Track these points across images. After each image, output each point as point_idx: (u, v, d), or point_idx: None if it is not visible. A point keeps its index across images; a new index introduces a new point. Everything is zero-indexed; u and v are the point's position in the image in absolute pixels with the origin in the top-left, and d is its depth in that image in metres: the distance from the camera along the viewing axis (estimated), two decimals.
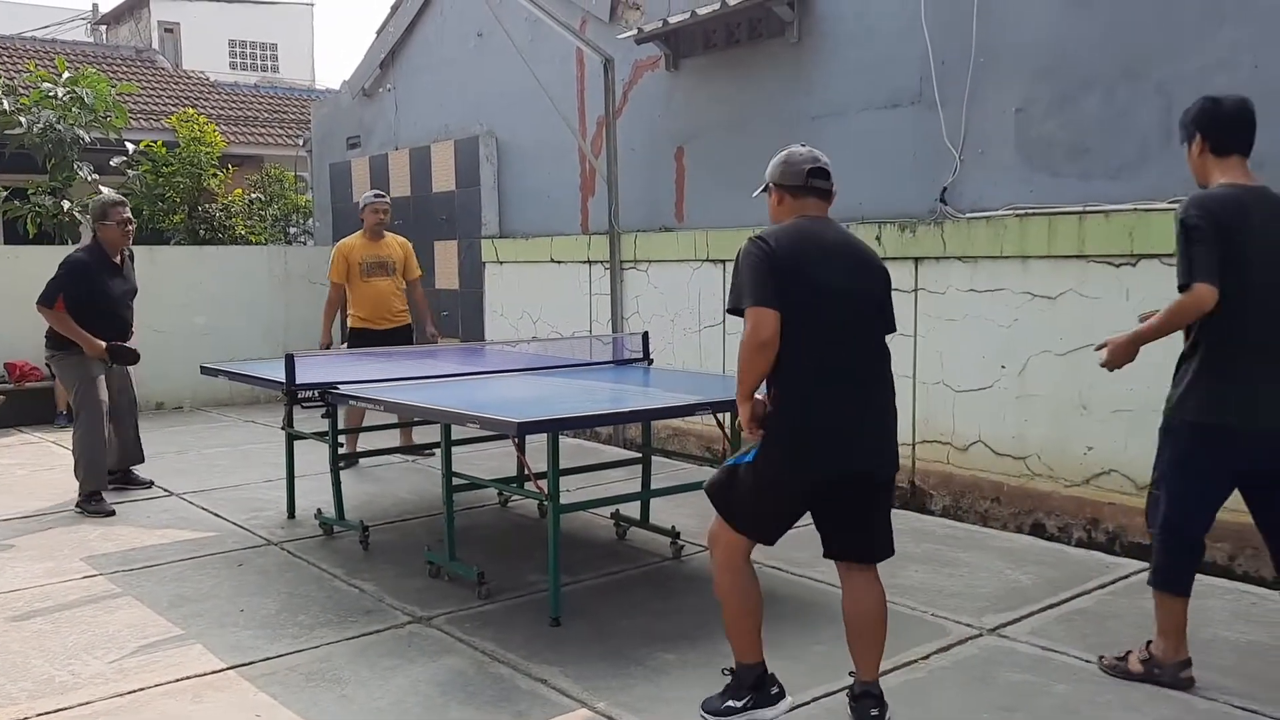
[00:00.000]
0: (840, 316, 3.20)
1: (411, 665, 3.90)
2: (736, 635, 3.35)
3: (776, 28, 6.78)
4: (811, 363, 3.17)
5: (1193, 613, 4.28)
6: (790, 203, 3.34)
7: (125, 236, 6.52)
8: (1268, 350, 3.41)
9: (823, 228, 3.30)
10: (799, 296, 3.14)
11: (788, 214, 3.34)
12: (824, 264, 3.20)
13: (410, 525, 5.94)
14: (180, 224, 12.67)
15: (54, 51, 17.85)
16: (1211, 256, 3.32)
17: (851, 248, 3.32)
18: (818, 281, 3.16)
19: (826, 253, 3.22)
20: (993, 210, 5.66)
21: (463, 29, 9.71)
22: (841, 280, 3.20)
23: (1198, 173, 3.62)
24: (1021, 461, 5.59)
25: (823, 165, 3.33)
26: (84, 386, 6.34)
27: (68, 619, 4.45)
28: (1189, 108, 3.65)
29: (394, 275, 7.62)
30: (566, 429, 5.12)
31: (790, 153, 3.37)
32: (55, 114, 11.42)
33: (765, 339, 3.10)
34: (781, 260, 3.15)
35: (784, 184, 3.35)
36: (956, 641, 4.06)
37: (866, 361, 3.27)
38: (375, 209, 7.60)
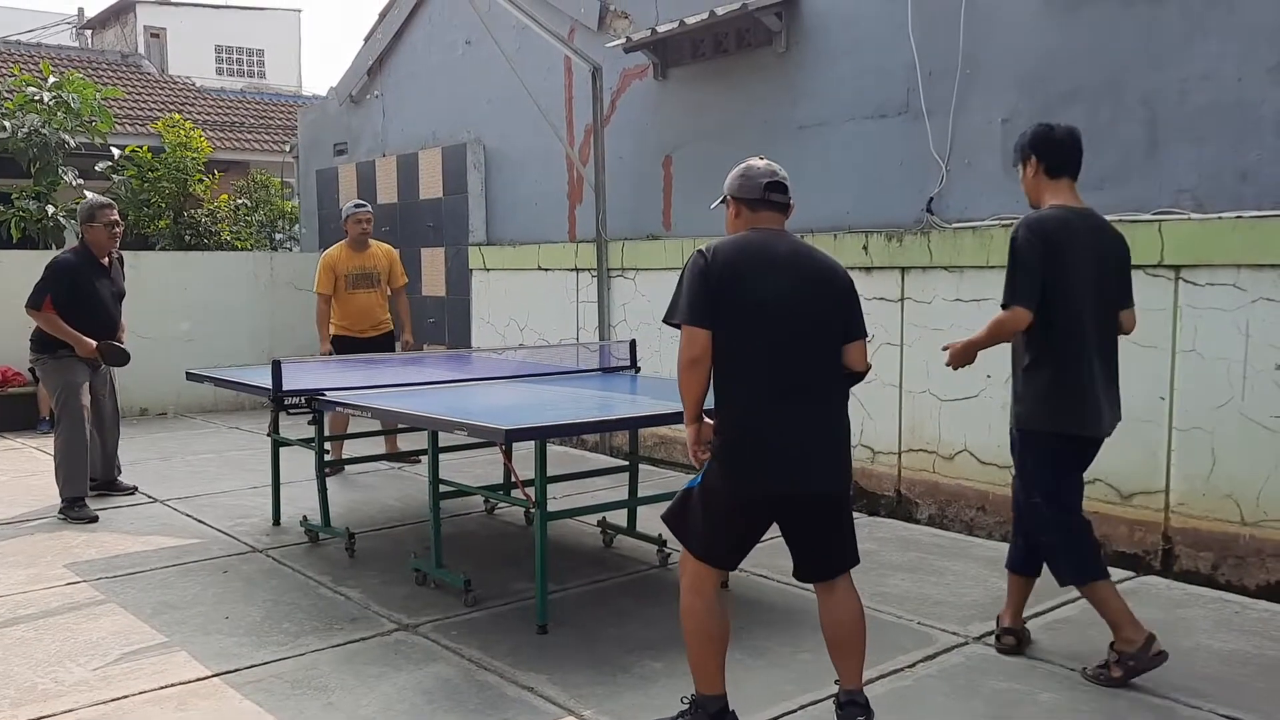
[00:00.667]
0: (782, 331, 3.14)
1: (397, 673, 3.89)
2: (698, 663, 3.27)
3: (764, 37, 6.81)
4: (749, 379, 3.14)
5: (1175, 622, 4.33)
6: (746, 215, 3.33)
7: (112, 239, 6.49)
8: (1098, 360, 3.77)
9: (772, 239, 3.25)
10: (735, 311, 3.12)
11: (743, 226, 3.32)
12: (766, 277, 3.15)
13: (396, 532, 5.93)
14: (165, 229, 12.63)
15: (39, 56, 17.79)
16: (1034, 281, 3.68)
17: (803, 259, 3.24)
18: (757, 296, 3.13)
19: (772, 265, 3.18)
20: (979, 220, 5.70)
21: (451, 36, 9.72)
22: (786, 294, 3.15)
23: (1030, 193, 3.92)
24: (1007, 470, 5.59)
25: (780, 179, 3.32)
26: (67, 392, 6.30)
27: (51, 626, 4.42)
28: (1024, 132, 3.92)
29: (378, 286, 7.66)
30: (554, 436, 5.12)
31: (749, 166, 3.36)
32: (40, 118, 11.38)
33: (694, 356, 3.13)
34: (717, 274, 3.13)
35: (740, 197, 3.34)
36: (942, 650, 4.07)
37: (812, 377, 3.19)
38: (357, 219, 7.64)
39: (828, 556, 3.30)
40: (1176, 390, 4.91)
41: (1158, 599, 4.67)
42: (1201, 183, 4.87)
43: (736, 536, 3.25)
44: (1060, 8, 5.37)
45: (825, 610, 3.32)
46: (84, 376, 6.37)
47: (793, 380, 3.15)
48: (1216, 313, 4.75)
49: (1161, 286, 4.92)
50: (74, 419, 6.29)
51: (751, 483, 3.15)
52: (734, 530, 3.23)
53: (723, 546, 3.26)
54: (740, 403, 3.16)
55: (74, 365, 6.30)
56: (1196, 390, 4.83)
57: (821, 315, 3.21)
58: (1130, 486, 5.10)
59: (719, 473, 3.18)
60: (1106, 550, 5.18)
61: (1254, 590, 4.67)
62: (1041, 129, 3.87)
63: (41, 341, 6.33)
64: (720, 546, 3.25)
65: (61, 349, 6.27)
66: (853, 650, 3.28)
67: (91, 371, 6.44)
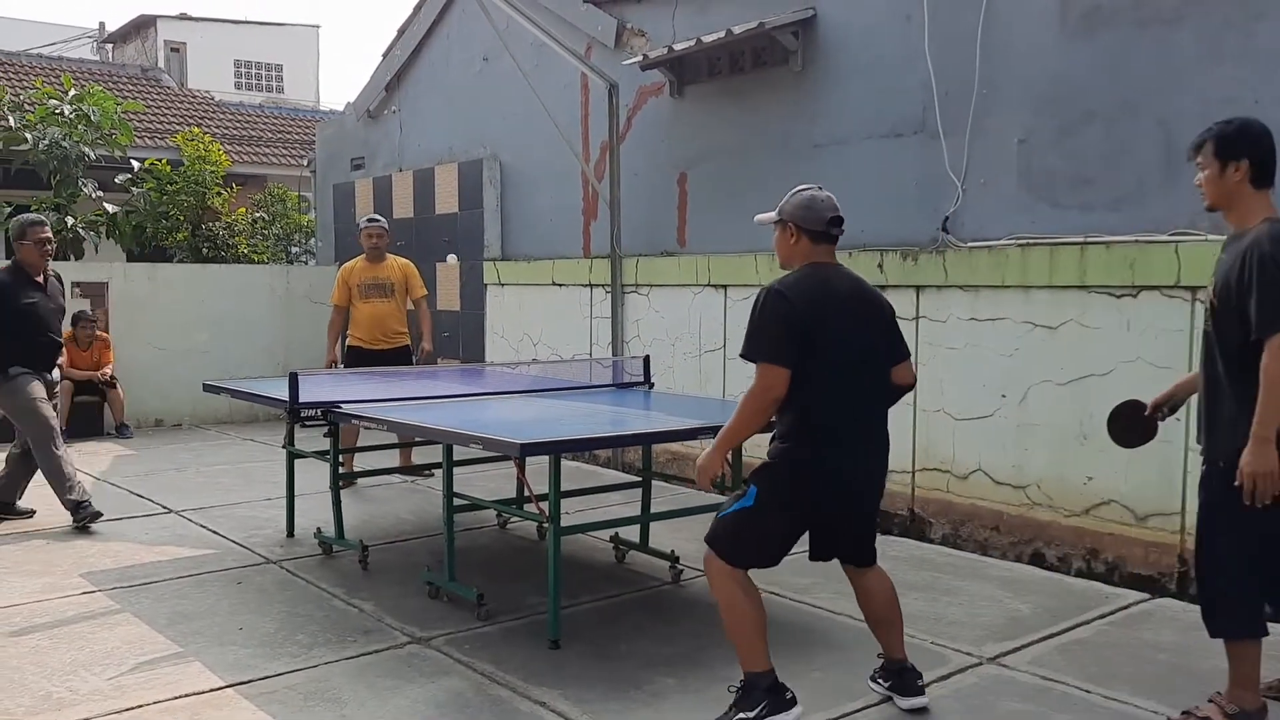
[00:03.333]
0: (851, 365, 3.42)
1: (410, 686, 3.89)
2: (745, 643, 3.43)
3: (780, 56, 6.84)
4: (822, 413, 3.40)
5: (1191, 645, 4.30)
6: (807, 246, 3.50)
7: (44, 256, 6.41)
8: None
9: (834, 276, 3.50)
10: (815, 352, 3.34)
11: (801, 256, 3.51)
12: (839, 317, 3.41)
13: (410, 545, 5.94)
14: (183, 242, 12.72)
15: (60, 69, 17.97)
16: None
17: (859, 292, 3.54)
18: (834, 336, 3.38)
19: (841, 303, 3.44)
20: (994, 240, 5.70)
21: (468, 53, 9.79)
22: (853, 330, 3.44)
23: (1224, 199, 3.39)
24: (1021, 491, 5.60)
25: (840, 215, 3.52)
26: (29, 410, 6.22)
27: (66, 635, 4.44)
28: (1226, 122, 3.39)
29: (392, 297, 7.72)
30: (568, 451, 5.13)
31: (813, 196, 3.52)
32: (61, 131, 11.49)
33: (776, 398, 3.33)
34: (801, 318, 3.34)
35: (805, 227, 3.50)
36: (956, 670, 4.06)
37: (872, 405, 3.53)
38: (368, 233, 7.77)
39: (859, 550, 3.66)
40: (1193, 411, 4.87)
41: (1173, 622, 4.64)
42: None
43: (779, 545, 3.50)
44: (1077, 29, 5.38)
45: (863, 591, 3.67)
46: (42, 390, 6.30)
47: (857, 411, 3.47)
48: None
49: (1178, 307, 4.91)
50: (44, 431, 6.24)
51: (811, 510, 3.48)
52: (780, 545, 3.50)
53: (763, 557, 3.52)
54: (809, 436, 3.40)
55: (23, 381, 6.22)
56: None
57: (875, 345, 3.53)
58: (1146, 508, 5.07)
59: (777, 501, 3.42)
60: (1122, 572, 5.16)
61: (1270, 614, 4.62)
62: (1257, 126, 3.34)
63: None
64: (760, 557, 3.51)
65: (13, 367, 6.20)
66: (895, 620, 3.66)
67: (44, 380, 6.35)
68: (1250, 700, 3.40)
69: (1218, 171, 3.36)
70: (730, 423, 3.43)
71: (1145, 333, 5.05)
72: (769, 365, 3.32)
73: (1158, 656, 4.22)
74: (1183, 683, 3.91)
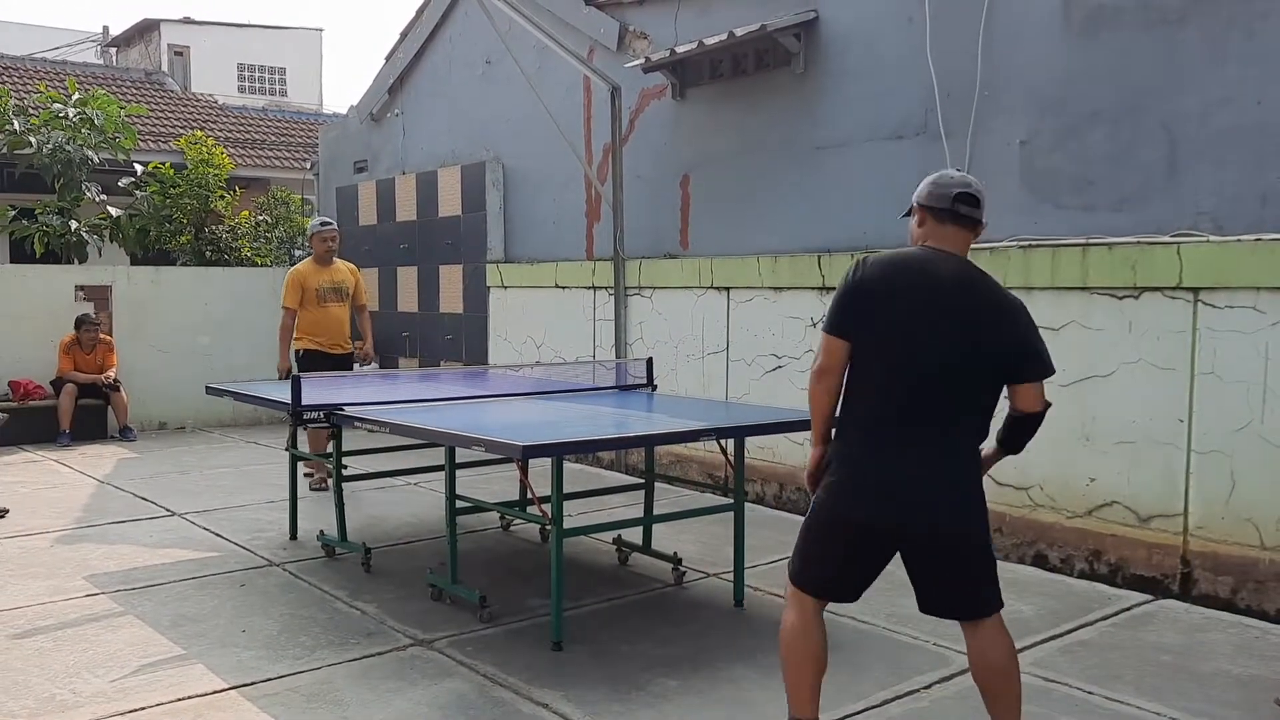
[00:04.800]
0: (919, 356, 2.95)
1: (413, 688, 3.89)
2: (792, 683, 3.14)
3: (782, 58, 6.85)
4: (875, 404, 3.00)
5: (1195, 646, 4.30)
6: (930, 226, 3.09)
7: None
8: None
9: (938, 259, 3.02)
10: (877, 330, 2.97)
11: (923, 239, 3.10)
12: (920, 300, 2.96)
13: (412, 547, 5.94)
14: (187, 245, 12.73)
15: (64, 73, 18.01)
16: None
17: (967, 286, 3.00)
18: (903, 317, 2.95)
19: (930, 288, 2.97)
20: (996, 241, 5.69)
21: (471, 56, 9.80)
22: (937, 320, 2.95)
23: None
24: (1024, 492, 5.59)
25: (973, 191, 3.07)
26: None
27: (69, 637, 4.45)
28: None
29: (346, 300, 7.84)
30: (571, 453, 5.13)
31: (941, 174, 3.16)
32: (65, 135, 11.51)
33: (824, 365, 3.03)
34: (865, 289, 2.99)
35: (927, 205, 3.10)
36: (959, 671, 4.05)
37: (943, 410, 2.99)
38: (323, 237, 7.81)
39: (963, 597, 3.09)
40: (1195, 413, 4.88)
41: (1176, 623, 4.63)
42: (1221, 205, 4.86)
43: (835, 564, 3.09)
44: (1080, 30, 5.38)
45: (972, 655, 3.13)
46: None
47: (920, 411, 2.98)
48: (1236, 335, 4.73)
49: (1180, 309, 4.91)
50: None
51: (857, 509, 3.01)
52: (832, 556, 3.08)
53: (818, 571, 3.11)
54: (858, 427, 3.04)
55: None
56: (1215, 413, 4.81)
57: (976, 349, 2.98)
58: (1149, 509, 5.07)
59: (825, 495, 3.08)
60: (1125, 574, 5.16)
61: (1274, 615, 4.63)
62: None
63: None
64: (815, 571, 3.12)
65: None
66: (1007, 693, 3.06)
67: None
68: None
69: None
70: None
71: (1147, 334, 5.05)
72: (825, 334, 3.02)
73: (1161, 658, 4.21)
74: (1186, 685, 3.91)
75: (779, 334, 6.81)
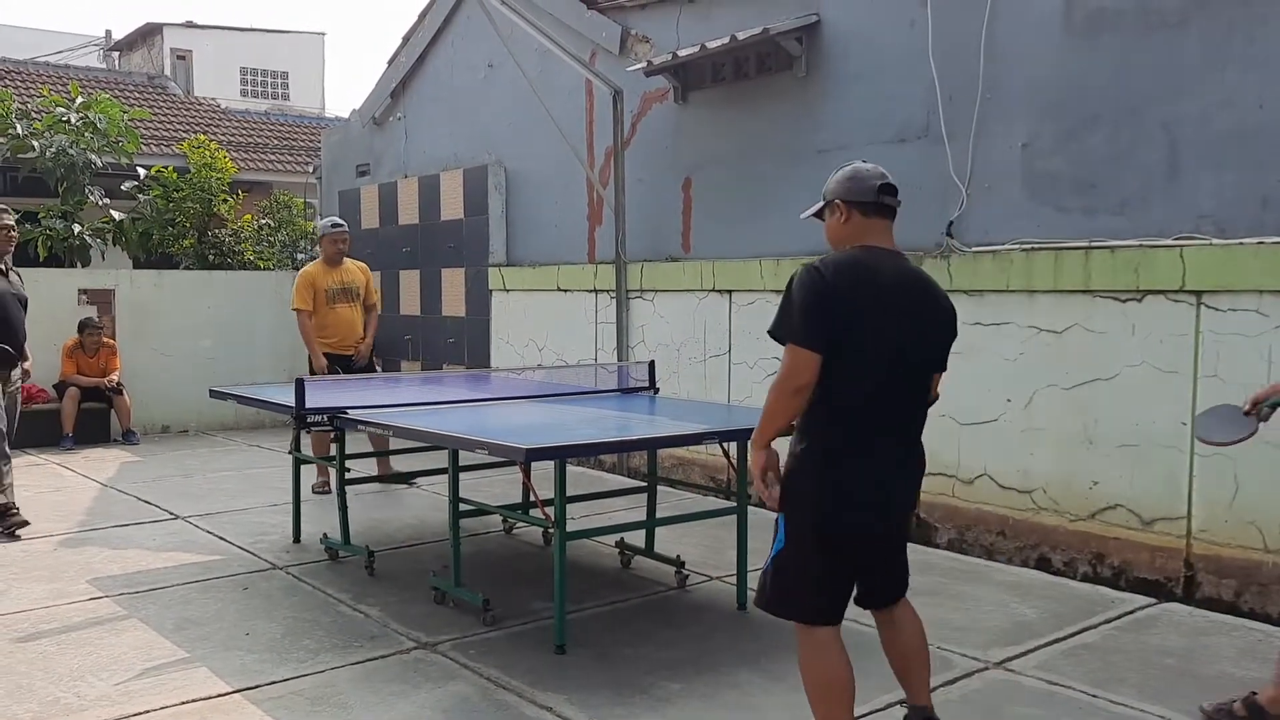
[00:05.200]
0: (889, 365, 3.01)
1: (416, 691, 3.90)
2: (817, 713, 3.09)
3: (784, 62, 6.86)
4: (850, 417, 3.00)
5: (1198, 650, 4.30)
6: (858, 221, 3.12)
7: (6, 242, 6.45)
8: None
9: (885, 261, 3.08)
10: (847, 341, 2.95)
11: (853, 235, 3.12)
12: (882, 305, 3.00)
13: (416, 551, 5.95)
14: (190, 248, 12.75)
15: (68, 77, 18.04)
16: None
17: (914, 284, 3.11)
18: (872, 326, 2.97)
19: (887, 291, 3.02)
20: (999, 244, 5.70)
21: (473, 60, 9.82)
22: (898, 325, 3.02)
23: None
24: (1027, 495, 5.59)
25: (892, 181, 3.14)
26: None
27: (73, 641, 4.45)
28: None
29: (357, 301, 7.84)
30: (573, 456, 5.13)
31: (857, 168, 3.17)
32: (68, 138, 11.53)
33: (802, 384, 2.94)
34: (836, 298, 2.95)
35: (852, 200, 3.12)
36: (962, 675, 4.05)
37: (909, 413, 3.12)
38: (333, 239, 7.79)
39: (896, 580, 3.28)
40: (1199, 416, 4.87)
41: (1180, 627, 4.63)
42: (1222, 208, 4.87)
43: (836, 585, 3.09)
44: (1081, 34, 5.39)
45: (889, 633, 3.27)
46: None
47: (891, 418, 3.06)
48: (1239, 338, 4.73)
49: (1183, 312, 4.91)
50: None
51: (844, 523, 3.02)
52: (832, 579, 3.07)
53: (824, 599, 3.07)
54: (836, 441, 3.01)
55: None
56: None
57: (922, 347, 3.11)
58: (1152, 512, 5.07)
59: (805, 524, 3.03)
60: (1128, 577, 5.16)
61: (1278, 618, 4.63)
62: None
63: None
64: (821, 600, 3.07)
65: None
66: (920, 665, 3.27)
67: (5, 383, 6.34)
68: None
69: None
70: (761, 415, 3.04)
71: (1150, 337, 5.05)
72: (796, 347, 2.93)
73: (1164, 661, 4.21)
74: (1189, 688, 3.91)
75: None
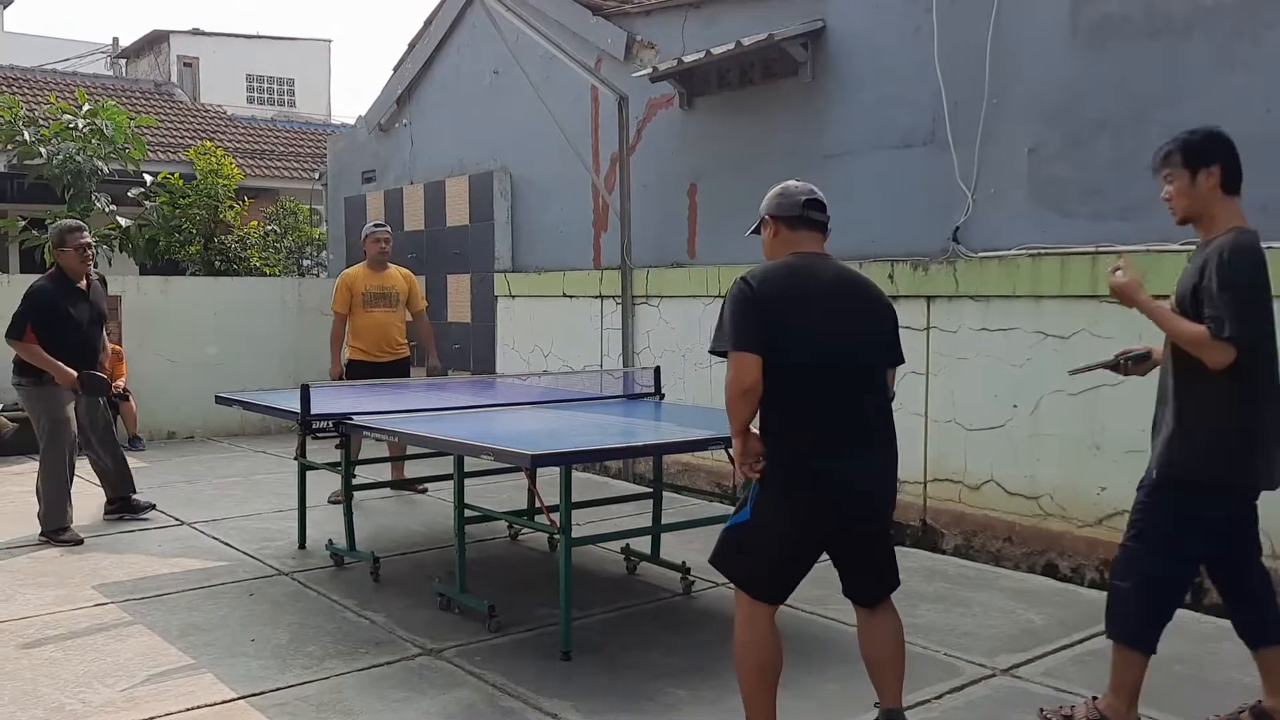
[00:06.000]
0: (831, 361, 3.10)
1: (422, 697, 3.89)
2: (748, 696, 3.19)
3: (790, 67, 6.86)
4: (802, 413, 3.09)
5: (1206, 656, 4.28)
6: (786, 235, 3.28)
7: (84, 262, 6.40)
8: None
9: (817, 264, 3.22)
10: (785, 341, 3.05)
11: (782, 248, 3.28)
12: (814, 305, 3.12)
13: (421, 557, 5.94)
14: (196, 255, 12.79)
15: (74, 84, 18.10)
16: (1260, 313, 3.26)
17: (849, 285, 3.23)
18: (806, 325, 3.09)
19: (819, 292, 3.15)
20: (1005, 250, 5.69)
21: (479, 66, 9.83)
22: (834, 322, 3.12)
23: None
24: (1034, 501, 5.57)
25: (818, 198, 3.29)
26: (52, 422, 6.23)
27: (78, 647, 4.45)
28: (1190, 133, 3.37)
29: (396, 307, 7.64)
30: (579, 462, 5.13)
31: (785, 186, 3.33)
32: (75, 145, 11.56)
33: (747, 386, 3.04)
34: (766, 302, 3.08)
35: (779, 215, 3.30)
36: (969, 682, 4.04)
37: (866, 407, 3.17)
38: (376, 238, 7.64)
39: (875, 579, 3.30)
40: None
41: (1188, 633, 4.61)
42: None
43: (788, 571, 3.18)
44: (1087, 39, 5.39)
45: (868, 631, 3.32)
46: (69, 405, 6.29)
47: (847, 413, 3.12)
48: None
49: None
50: (59, 451, 6.23)
51: (809, 521, 3.11)
52: (786, 564, 3.17)
53: (774, 581, 3.19)
54: (794, 438, 3.10)
55: (58, 393, 6.21)
56: None
57: (869, 343, 3.21)
58: None
59: (773, 509, 3.12)
60: None
61: None
62: (1222, 133, 3.34)
63: (22, 365, 6.23)
64: (771, 581, 3.19)
65: (45, 373, 6.17)
66: (893, 668, 3.28)
67: (77, 397, 6.34)
68: None
69: (1188, 181, 3.32)
70: None
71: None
72: (735, 352, 3.05)
73: (1172, 668, 4.19)
74: (1197, 694, 3.89)
75: None
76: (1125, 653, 3.40)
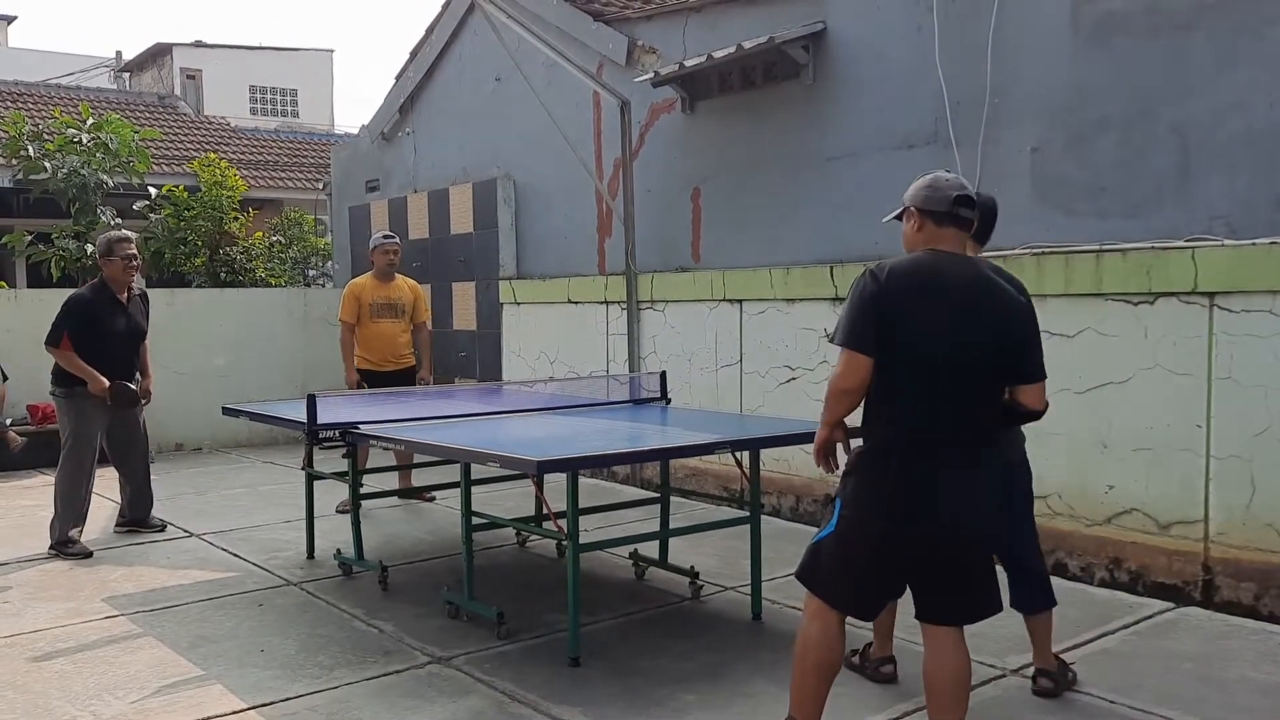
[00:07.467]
0: (949, 368, 2.97)
1: (431, 706, 3.89)
2: (799, 689, 3.15)
3: (791, 70, 6.86)
4: (906, 418, 2.99)
5: (1217, 654, 4.26)
6: (930, 229, 3.13)
7: (129, 272, 6.42)
8: None
9: (951, 263, 3.07)
10: (902, 341, 2.95)
11: (923, 243, 3.14)
12: (940, 306, 2.97)
13: (429, 565, 5.94)
14: (201, 267, 12.82)
15: (79, 98, 18.16)
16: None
17: (981, 287, 3.05)
18: (927, 328, 2.96)
19: (947, 292, 3.00)
20: (1009, 249, 5.68)
21: (481, 73, 9.85)
22: (958, 327, 2.97)
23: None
24: (1042, 501, 5.55)
25: (969, 194, 3.14)
26: (75, 436, 6.27)
27: (89, 659, 4.46)
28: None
29: (402, 318, 7.70)
30: (586, 468, 5.13)
31: (936, 177, 3.19)
32: (80, 159, 11.59)
33: (850, 387, 2.98)
34: (889, 300, 2.96)
35: (926, 209, 3.14)
36: (980, 682, 4.01)
37: (972, 418, 3.03)
38: (385, 250, 7.69)
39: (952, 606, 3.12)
40: (1213, 418, 4.85)
41: (1199, 631, 4.60)
42: (1234, 209, 4.84)
43: (872, 584, 3.10)
44: (1089, 37, 5.38)
45: (928, 657, 3.17)
46: (98, 419, 6.33)
47: (951, 422, 3.00)
48: (1253, 339, 4.70)
49: (1196, 314, 4.88)
50: (80, 462, 6.28)
51: (898, 527, 3.00)
52: (869, 577, 3.08)
53: (854, 592, 3.12)
54: (892, 444, 3.01)
55: (86, 408, 6.25)
56: (1234, 418, 4.78)
57: (993, 353, 3.03)
58: (1168, 516, 5.03)
59: (859, 515, 3.04)
60: (1145, 582, 5.12)
61: None
62: None
63: (61, 374, 6.30)
64: (851, 592, 3.11)
65: (78, 385, 6.23)
66: (953, 704, 3.10)
67: (109, 409, 6.37)
68: None
69: None
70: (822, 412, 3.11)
71: (1163, 340, 5.02)
72: (847, 351, 2.96)
73: (1183, 666, 4.18)
74: (1209, 692, 3.87)
75: (792, 346, 6.80)
76: None
